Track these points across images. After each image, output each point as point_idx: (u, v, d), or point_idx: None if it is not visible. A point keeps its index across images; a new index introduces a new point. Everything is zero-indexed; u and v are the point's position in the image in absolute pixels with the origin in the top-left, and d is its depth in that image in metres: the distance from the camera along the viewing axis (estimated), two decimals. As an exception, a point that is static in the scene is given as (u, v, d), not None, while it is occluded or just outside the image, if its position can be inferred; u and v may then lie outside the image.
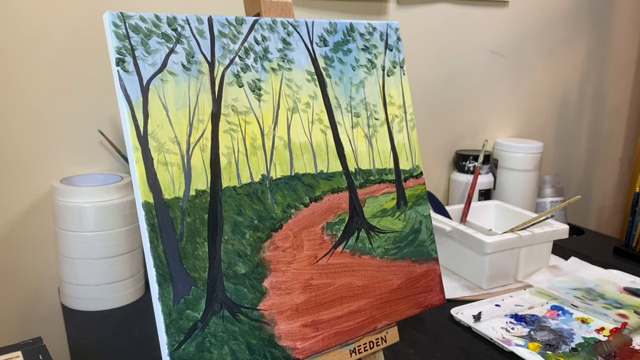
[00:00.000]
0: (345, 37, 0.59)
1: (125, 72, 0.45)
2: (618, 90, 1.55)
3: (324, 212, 0.55)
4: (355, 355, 0.54)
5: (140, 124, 0.45)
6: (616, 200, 1.67)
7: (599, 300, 0.86)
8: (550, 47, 1.37)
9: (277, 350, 0.49)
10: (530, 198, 1.27)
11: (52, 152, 0.89)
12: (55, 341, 0.88)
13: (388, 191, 0.60)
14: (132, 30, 0.45)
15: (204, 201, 0.47)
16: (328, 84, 0.57)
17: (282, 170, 0.52)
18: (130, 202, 0.83)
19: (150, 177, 0.45)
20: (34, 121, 0.87)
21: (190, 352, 0.44)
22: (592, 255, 1.06)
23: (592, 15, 1.42)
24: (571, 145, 1.51)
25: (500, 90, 1.33)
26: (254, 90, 0.52)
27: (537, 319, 0.80)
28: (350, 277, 0.55)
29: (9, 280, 0.91)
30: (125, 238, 0.83)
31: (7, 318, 0.92)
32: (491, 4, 1.25)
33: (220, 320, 0.46)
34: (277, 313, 0.49)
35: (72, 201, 0.80)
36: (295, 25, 0.55)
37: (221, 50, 0.50)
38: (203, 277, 0.46)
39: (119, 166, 0.94)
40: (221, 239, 0.48)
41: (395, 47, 0.63)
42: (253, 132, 0.51)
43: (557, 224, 0.95)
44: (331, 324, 0.53)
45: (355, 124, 0.58)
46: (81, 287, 0.82)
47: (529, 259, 0.93)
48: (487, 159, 1.22)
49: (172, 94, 0.47)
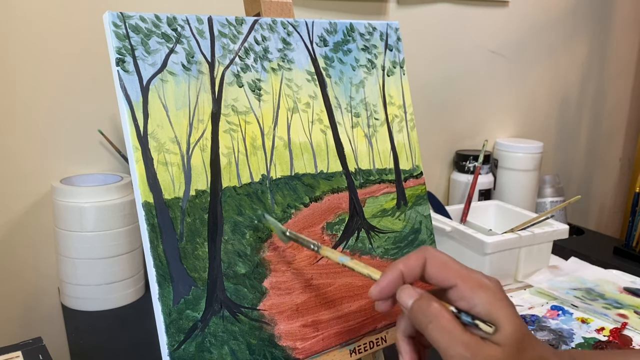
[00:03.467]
0: (345, 37, 0.59)
1: (125, 72, 0.45)
2: (618, 90, 1.55)
3: (324, 212, 0.55)
4: (355, 355, 0.54)
5: (140, 124, 0.45)
6: (616, 200, 1.67)
7: (599, 300, 0.86)
8: (550, 47, 1.37)
9: (277, 350, 0.48)
10: (530, 198, 1.27)
11: (52, 152, 0.89)
12: (55, 341, 0.87)
13: (388, 191, 0.60)
14: (132, 30, 0.45)
15: (204, 201, 0.47)
16: (328, 84, 0.57)
17: (282, 170, 0.52)
18: (130, 202, 0.83)
19: (150, 177, 0.45)
20: (34, 121, 0.87)
21: (190, 352, 0.44)
22: (592, 255, 1.06)
23: (592, 15, 1.42)
24: (571, 145, 1.51)
25: (500, 90, 1.33)
26: (254, 90, 0.52)
27: (537, 319, 0.80)
28: (350, 277, 0.55)
29: (9, 280, 0.91)
30: (125, 238, 0.83)
31: (7, 318, 0.92)
32: (491, 4, 1.25)
33: (220, 320, 0.46)
34: (277, 313, 0.49)
35: (72, 201, 0.80)
36: (295, 25, 0.55)
37: (221, 50, 0.50)
38: (203, 277, 0.46)
39: (119, 166, 0.94)
40: (221, 239, 0.48)
41: (395, 47, 0.63)
42: (253, 132, 0.51)
43: (557, 224, 0.95)
44: (331, 324, 0.52)
45: (355, 124, 0.58)
46: (81, 287, 0.82)
47: (529, 259, 0.93)
48: (487, 159, 1.22)
49: (172, 94, 0.47)
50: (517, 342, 0.37)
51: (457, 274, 0.40)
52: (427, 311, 0.39)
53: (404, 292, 0.41)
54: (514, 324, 0.37)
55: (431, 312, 0.39)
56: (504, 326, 0.37)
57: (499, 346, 0.37)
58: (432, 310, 0.39)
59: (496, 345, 0.37)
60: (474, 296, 0.38)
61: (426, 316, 0.39)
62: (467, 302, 0.39)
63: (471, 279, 0.39)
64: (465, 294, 0.39)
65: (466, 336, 0.37)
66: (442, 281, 0.40)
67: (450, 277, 0.40)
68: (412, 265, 0.41)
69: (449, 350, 0.37)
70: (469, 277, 0.39)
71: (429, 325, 0.38)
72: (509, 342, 0.37)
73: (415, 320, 0.40)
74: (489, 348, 0.37)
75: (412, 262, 0.41)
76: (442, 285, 0.40)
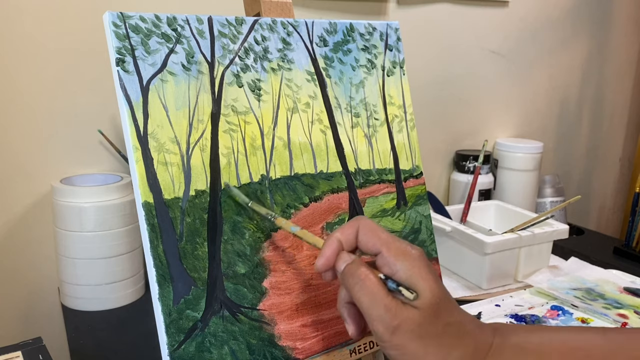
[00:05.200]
0: (345, 37, 0.59)
1: (125, 72, 0.45)
2: (618, 90, 1.55)
3: (324, 212, 0.55)
4: (355, 355, 0.54)
5: (140, 124, 0.45)
6: (616, 200, 1.67)
7: (599, 300, 0.86)
8: (550, 47, 1.37)
9: (277, 350, 0.49)
10: (530, 198, 1.27)
11: (52, 152, 0.89)
12: (55, 341, 0.87)
13: (388, 191, 0.60)
14: (132, 30, 0.45)
15: (203, 201, 0.47)
16: (328, 84, 0.57)
17: (281, 171, 0.52)
18: (130, 202, 0.83)
19: (150, 177, 0.45)
20: (34, 121, 0.87)
21: (190, 352, 0.44)
22: (592, 255, 1.06)
23: (592, 15, 1.42)
24: (571, 145, 1.51)
25: (500, 90, 1.33)
26: (254, 90, 0.52)
27: (537, 319, 0.80)
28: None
29: (9, 280, 0.91)
30: (125, 238, 0.83)
31: (7, 318, 0.92)
32: (491, 4, 1.25)
33: (220, 320, 0.46)
34: (277, 313, 0.49)
35: (72, 201, 0.80)
36: (295, 25, 0.55)
37: (221, 50, 0.50)
38: (203, 277, 0.46)
39: (119, 166, 0.94)
40: (221, 239, 0.48)
41: (395, 47, 0.63)
42: (253, 132, 0.51)
43: (557, 224, 0.95)
44: (331, 324, 0.52)
45: (355, 124, 0.58)
46: (81, 287, 0.82)
47: (529, 259, 0.93)
48: (487, 159, 1.22)
49: (172, 94, 0.47)
50: (434, 306, 0.40)
51: (382, 242, 0.42)
52: (355, 274, 0.41)
53: (339, 258, 0.43)
54: (432, 290, 0.40)
55: (358, 275, 0.41)
56: (423, 292, 0.40)
57: (417, 309, 0.40)
58: (359, 274, 0.41)
59: (415, 309, 0.40)
60: (397, 263, 0.41)
61: (354, 279, 0.41)
62: (390, 268, 0.41)
63: (395, 247, 0.42)
64: (389, 260, 0.41)
65: (388, 299, 0.40)
66: (370, 248, 0.43)
67: (377, 244, 0.42)
68: (347, 233, 0.44)
69: (371, 311, 0.40)
70: (393, 245, 0.42)
71: (355, 286, 0.41)
72: (426, 307, 0.40)
73: (345, 283, 0.42)
74: (408, 311, 0.40)
75: (347, 230, 0.44)
76: (370, 252, 0.43)
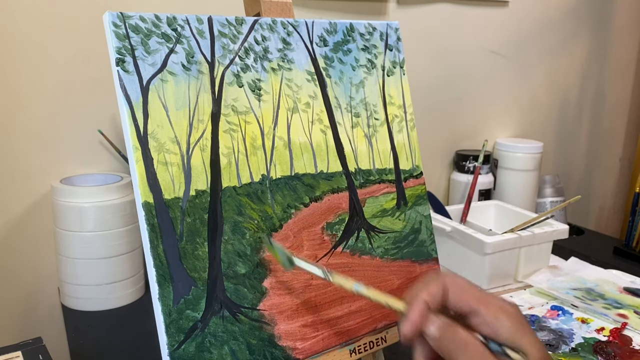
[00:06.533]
0: (345, 37, 0.59)
1: (125, 72, 0.45)
2: (618, 90, 1.55)
3: (324, 212, 0.55)
4: (355, 355, 0.54)
5: (140, 124, 0.45)
6: (616, 200, 1.67)
7: (599, 300, 0.86)
8: (550, 47, 1.37)
9: (277, 350, 0.48)
10: (530, 198, 1.27)
11: (52, 152, 0.89)
12: (55, 341, 0.87)
13: (388, 191, 0.60)
14: (132, 30, 0.45)
15: (203, 201, 0.47)
16: (328, 84, 0.57)
17: (282, 170, 0.52)
18: (130, 202, 0.83)
19: (150, 177, 0.45)
20: (34, 121, 0.87)
21: (190, 352, 0.44)
22: (592, 255, 1.06)
23: (592, 15, 1.42)
24: (571, 145, 1.51)
25: (500, 90, 1.33)
26: (254, 90, 0.52)
27: (537, 319, 0.80)
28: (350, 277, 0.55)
29: (9, 280, 0.91)
30: (125, 238, 0.83)
31: (7, 318, 0.92)
32: (491, 4, 1.25)
33: (220, 320, 0.46)
34: (277, 313, 0.49)
35: (72, 201, 0.80)
36: (295, 25, 0.55)
37: (221, 50, 0.50)
38: (203, 277, 0.46)
39: (119, 166, 0.94)
40: (221, 239, 0.48)
41: (395, 47, 0.63)
42: (253, 132, 0.51)
43: (557, 224, 0.95)
44: (331, 324, 0.52)
45: (355, 124, 0.58)
46: (81, 287, 0.82)
47: (529, 259, 0.93)
48: (487, 159, 1.22)
49: (172, 94, 0.47)
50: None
51: (478, 300, 0.40)
52: (454, 339, 0.39)
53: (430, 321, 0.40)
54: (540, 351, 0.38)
55: (459, 339, 0.39)
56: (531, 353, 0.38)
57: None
58: (459, 338, 0.39)
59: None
60: (497, 322, 0.39)
61: (454, 344, 0.39)
62: (490, 328, 0.39)
63: (493, 305, 0.40)
64: (488, 319, 0.39)
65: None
66: (463, 307, 0.41)
67: (472, 303, 0.40)
68: (434, 293, 0.41)
69: None
70: (491, 303, 0.40)
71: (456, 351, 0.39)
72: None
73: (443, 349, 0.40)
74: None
75: (434, 290, 0.41)
76: (463, 311, 0.41)
